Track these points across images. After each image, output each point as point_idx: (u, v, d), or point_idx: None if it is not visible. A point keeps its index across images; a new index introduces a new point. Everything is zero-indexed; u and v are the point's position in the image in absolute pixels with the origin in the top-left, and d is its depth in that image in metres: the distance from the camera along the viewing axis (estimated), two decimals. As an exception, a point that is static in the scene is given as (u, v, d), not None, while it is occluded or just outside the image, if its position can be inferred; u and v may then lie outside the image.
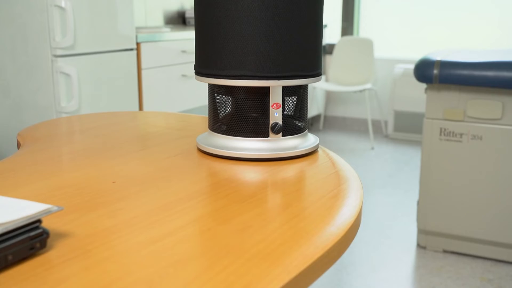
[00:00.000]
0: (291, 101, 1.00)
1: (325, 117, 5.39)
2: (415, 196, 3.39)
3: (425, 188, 2.59)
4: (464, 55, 2.58)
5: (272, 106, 0.96)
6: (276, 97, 0.96)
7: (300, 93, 1.01)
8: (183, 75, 3.46)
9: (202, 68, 0.98)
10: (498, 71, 2.32)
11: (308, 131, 5.23)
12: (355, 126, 5.28)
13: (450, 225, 2.57)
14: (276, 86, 0.95)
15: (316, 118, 5.42)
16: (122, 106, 3.03)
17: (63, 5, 2.60)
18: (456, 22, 4.86)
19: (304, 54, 0.95)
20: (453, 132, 2.48)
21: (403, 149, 4.52)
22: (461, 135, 2.47)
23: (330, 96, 5.35)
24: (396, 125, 4.89)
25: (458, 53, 2.67)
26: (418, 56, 5.02)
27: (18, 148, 1.09)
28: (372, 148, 4.54)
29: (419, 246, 2.68)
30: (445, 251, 2.62)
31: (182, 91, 3.47)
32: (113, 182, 0.84)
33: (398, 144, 4.71)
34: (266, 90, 0.95)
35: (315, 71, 0.98)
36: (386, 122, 5.12)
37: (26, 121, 2.80)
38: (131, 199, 0.76)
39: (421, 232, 2.65)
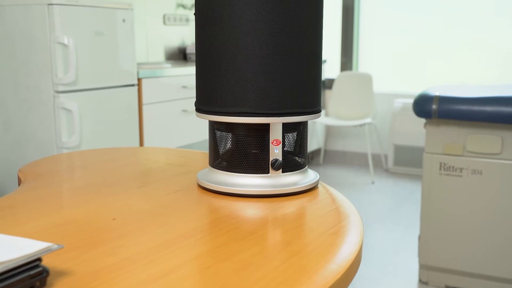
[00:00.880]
0: (291, 137, 1.01)
1: (325, 151, 5.40)
2: (416, 231, 3.37)
3: (426, 223, 2.58)
4: (462, 90, 2.60)
5: (272, 143, 0.96)
6: (276, 134, 0.96)
7: (300, 129, 1.02)
8: (184, 110, 3.48)
9: (203, 105, 0.99)
10: (496, 106, 2.34)
11: (309, 166, 5.24)
12: (355, 160, 5.28)
13: (452, 260, 2.55)
14: (276, 123, 0.96)
15: (316, 152, 5.43)
16: (123, 141, 3.04)
17: (65, 42, 2.63)
18: (454, 57, 4.91)
19: (303, 91, 0.96)
20: (453, 167, 2.48)
21: (404, 183, 4.52)
22: (461, 169, 2.47)
23: (330, 131, 5.37)
24: (396, 159, 4.89)
25: (457, 88, 2.69)
26: (417, 90, 5.06)
27: (19, 185, 1.09)
28: (373, 182, 4.54)
29: (421, 281, 2.65)
30: (447, 287, 2.59)
31: (182, 126, 3.49)
32: (114, 219, 0.84)
33: (399, 178, 4.70)
34: (266, 127, 0.96)
35: (314, 108, 0.99)
36: (386, 156, 5.12)
37: (27, 156, 2.80)
38: (131, 236, 0.76)
39: (423, 267, 2.63)
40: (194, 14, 1.00)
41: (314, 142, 5.11)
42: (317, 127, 5.14)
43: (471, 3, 4.77)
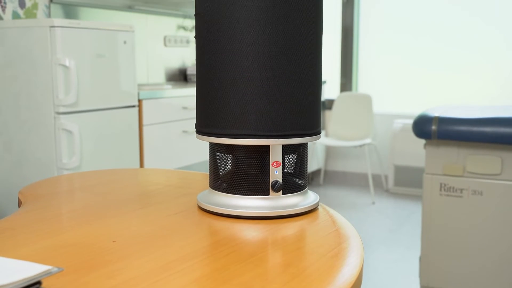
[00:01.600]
0: (291, 158, 1.01)
1: (326, 171, 5.40)
2: (417, 252, 3.35)
3: (427, 243, 2.57)
4: (462, 111, 2.61)
5: (272, 164, 0.97)
6: (276, 156, 0.97)
7: (300, 151, 1.02)
8: (184, 131, 3.49)
9: (203, 127, 0.99)
10: (496, 127, 2.35)
11: (309, 186, 5.23)
12: (355, 181, 5.28)
13: (453, 281, 2.54)
14: (276, 145, 0.96)
15: (317, 172, 5.43)
16: (123, 162, 3.04)
17: (67, 64, 2.65)
18: (454, 77, 4.93)
19: (303, 113, 0.97)
20: (453, 188, 2.48)
21: (404, 204, 4.51)
22: (461, 190, 2.47)
23: (330, 151, 5.38)
24: (397, 180, 4.89)
25: (456, 109, 2.70)
26: (416, 111, 5.08)
27: (19, 206, 1.09)
28: (373, 203, 4.53)
29: (423, 303, 2.63)
30: (449, 309, 2.57)
31: (183, 147, 3.50)
32: (114, 241, 0.84)
33: (399, 198, 4.69)
34: (266, 149, 0.97)
35: (314, 130, 1.00)
36: (386, 177, 5.12)
37: (27, 177, 2.80)
38: (131, 259, 0.76)
39: (424, 289, 2.61)
40: (195, 37, 1.01)
41: (314, 162, 5.11)
42: (317, 148, 5.14)
43: (470, 24, 4.81)
